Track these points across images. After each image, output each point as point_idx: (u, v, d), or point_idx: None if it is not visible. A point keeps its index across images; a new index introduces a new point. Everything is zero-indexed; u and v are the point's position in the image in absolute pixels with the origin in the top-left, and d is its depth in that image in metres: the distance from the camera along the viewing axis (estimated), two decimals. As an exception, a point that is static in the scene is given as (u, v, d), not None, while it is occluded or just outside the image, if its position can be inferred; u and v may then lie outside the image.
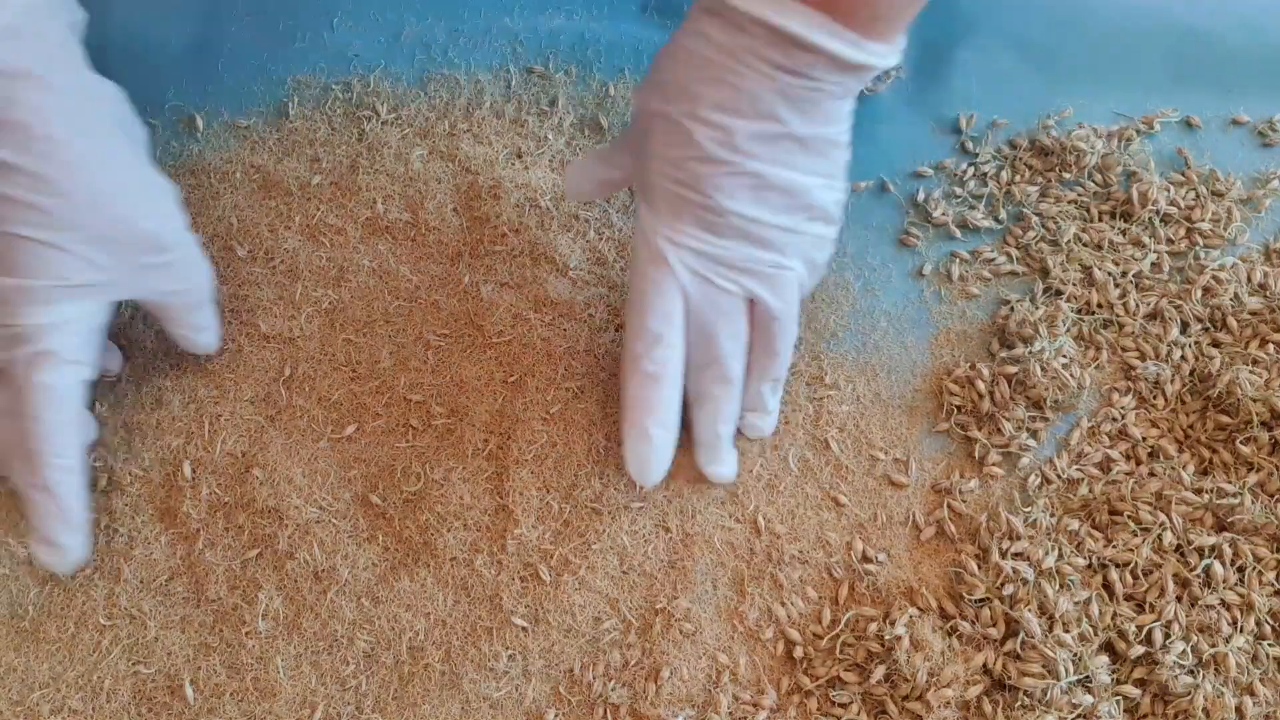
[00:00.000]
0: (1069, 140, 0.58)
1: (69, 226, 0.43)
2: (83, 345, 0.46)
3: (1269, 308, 0.53)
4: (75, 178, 0.44)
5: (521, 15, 0.61)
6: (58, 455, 0.45)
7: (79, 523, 0.46)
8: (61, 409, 0.45)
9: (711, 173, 0.44)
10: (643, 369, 0.46)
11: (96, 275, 0.45)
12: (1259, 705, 0.44)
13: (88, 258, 0.44)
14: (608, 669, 0.46)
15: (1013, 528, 0.49)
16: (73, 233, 0.44)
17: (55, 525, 0.45)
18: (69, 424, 0.45)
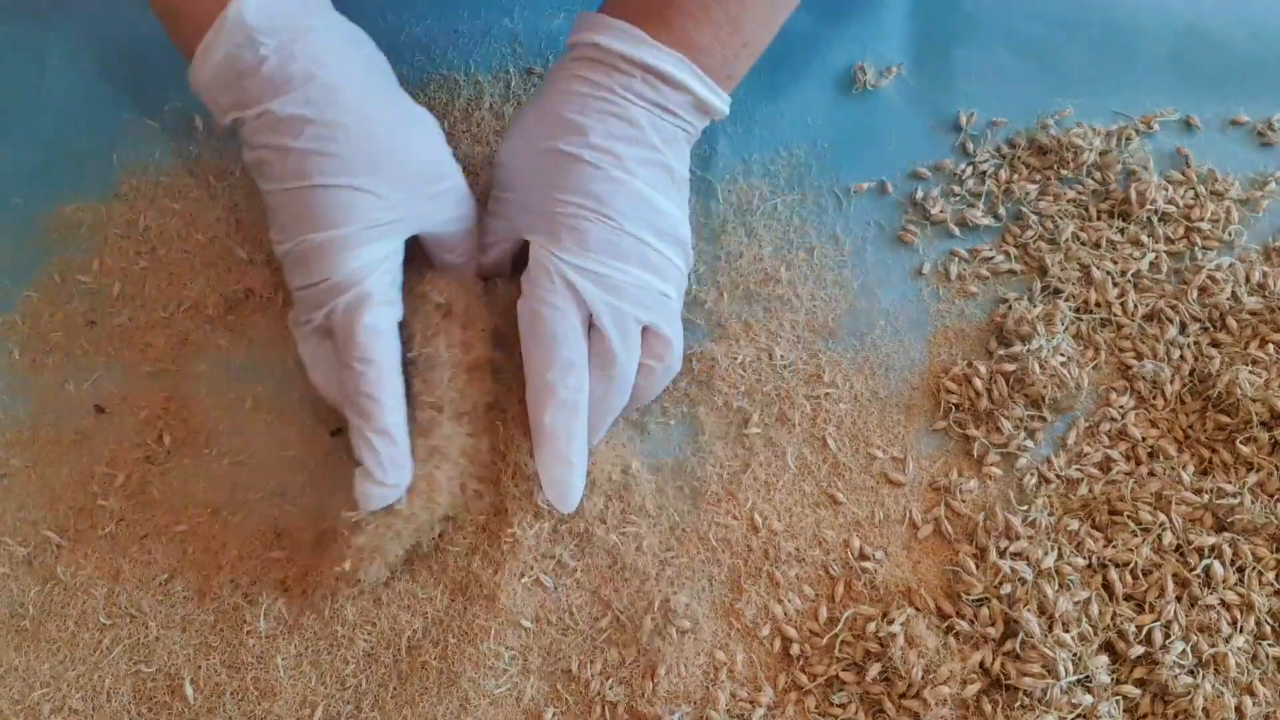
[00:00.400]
0: (1068, 139, 0.58)
1: (363, 169, 0.45)
2: (393, 284, 0.47)
3: (1268, 308, 0.53)
4: (360, 121, 0.45)
5: (521, 16, 0.61)
6: (393, 397, 0.45)
7: (409, 462, 0.46)
8: (388, 350, 0.46)
9: (611, 192, 0.46)
10: (560, 398, 0.45)
11: (394, 212, 0.46)
12: (1259, 705, 0.44)
13: (384, 195, 0.46)
14: (605, 666, 0.46)
15: (1011, 527, 0.49)
16: (368, 175, 0.45)
17: (394, 469, 0.45)
18: (395, 365, 0.46)
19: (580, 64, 0.48)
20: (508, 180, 0.49)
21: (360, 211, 0.45)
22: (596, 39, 0.47)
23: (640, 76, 0.47)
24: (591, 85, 0.47)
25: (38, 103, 0.59)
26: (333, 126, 0.45)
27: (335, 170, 0.45)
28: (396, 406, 0.45)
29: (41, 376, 0.53)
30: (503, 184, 0.50)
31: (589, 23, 0.48)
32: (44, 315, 0.54)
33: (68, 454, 0.51)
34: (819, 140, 0.59)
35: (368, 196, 0.45)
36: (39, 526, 0.49)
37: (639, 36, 0.46)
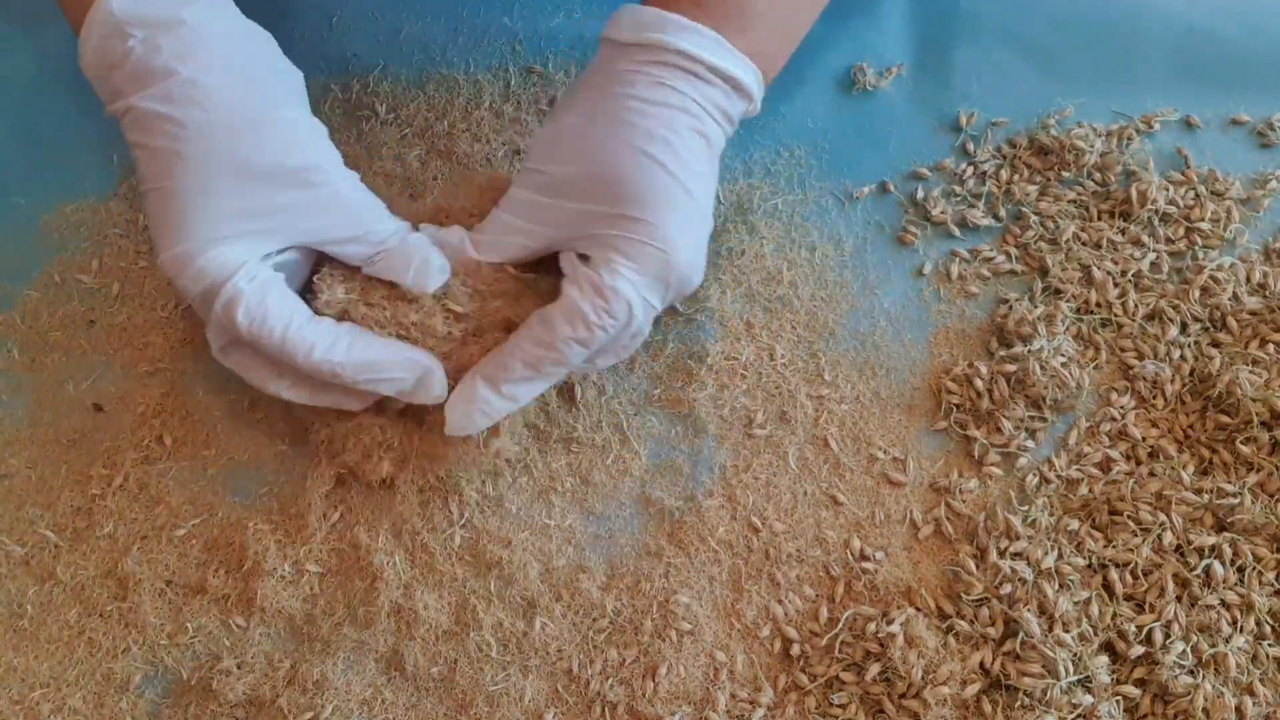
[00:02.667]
0: (1068, 139, 0.57)
1: (218, 172, 0.43)
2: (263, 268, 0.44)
3: (1269, 308, 0.53)
4: (220, 120, 0.43)
5: (521, 14, 0.61)
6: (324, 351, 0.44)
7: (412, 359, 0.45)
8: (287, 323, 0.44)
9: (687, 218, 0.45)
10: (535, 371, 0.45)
11: (254, 222, 0.44)
12: (1259, 705, 0.44)
13: (242, 201, 0.44)
14: (605, 667, 0.46)
15: (1011, 527, 0.49)
16: (224, 179, 0.43)
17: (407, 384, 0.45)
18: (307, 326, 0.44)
19: (664, 70, 0.45)
20: (559, 183, 0.46)
21: (213, 217, 0.43)
22: (681, 44, 0.44)
23: (722, 88, 0.45)
24: (678, 96, 0.45)
25: (38, 103, 0.59)
26: (187, 125, 0.43)
27: (189, 171, 0.43)
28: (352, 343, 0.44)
29: (41, 376, 0.53)
30: (547, 185, 0.46)
31: (666, 23, 0.45)
32: (43, 315, 0.54)
33: (67, 453, 0.51)
34: (819, 140, 0.59)
35: (221, 201, 0.43)
36: (37, 526, 0.49)
37: (722, 44, 0.45)
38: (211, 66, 0.44)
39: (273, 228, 0.45)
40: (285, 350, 0.44)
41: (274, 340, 0.44)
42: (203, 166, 0.43)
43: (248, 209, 0.44)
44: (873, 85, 0.60)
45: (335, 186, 0.46)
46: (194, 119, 0.43)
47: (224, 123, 0.43)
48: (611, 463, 0.51)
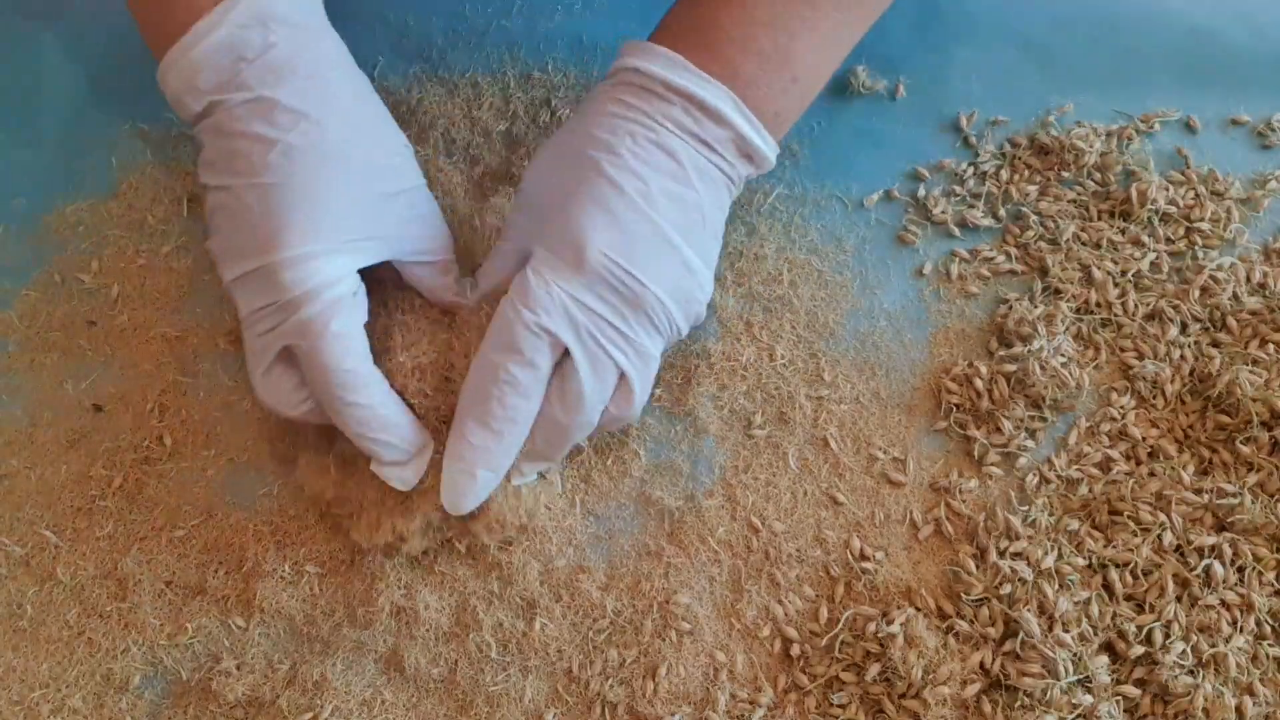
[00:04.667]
0: (1068, 139, 0.57)
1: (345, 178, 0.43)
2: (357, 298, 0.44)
3: (1269, 308, 0.53)
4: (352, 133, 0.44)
5: (520, 16, 0.61)
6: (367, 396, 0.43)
7: (418, 441, 0.45)
8: (353, 357, 0.43)
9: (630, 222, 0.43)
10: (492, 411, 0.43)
11: (366, 229, 0.44)
12: (1259, 705, 0.44)
13: (359, 208, 0.44)
14: (605, 667, 0.46)
15: (1011, 527, 0.49)
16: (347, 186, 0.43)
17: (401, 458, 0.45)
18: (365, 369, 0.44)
19: (619, 88, 0.45)
20: (524, 200, 0.47)
21: (334, 219, 0.43)
22: (637, 63, 0.45)
23: (680, 104, 0.44)
24: (627, 108, 0.45)
25: (38, 103, 0.59)
26: (326, 127, 0.43)
27: (315, 169, 0.43)
28: (387, 398, 0.44)
29: (40, 376, 0.53)
30: (519, 204, 0.47)
31: (631, 49, 0.46)
32: (43, 315, 0.54)
33: (66, 454, 0.51)
34: (820, 140, 0.59)
35: (343, 204, 0.43)
36: (37, 526, 0.49)
37: (679, 62, 0.44)
38: (345, 81, 0.45)
39: (375, 243, 0.45)
40: (347, 381, 0.43)
41: (344, 366, 0.43)
42: (339, 168, 0.43)
43: (363, 219, 0.44)
44: (873, 85, 0.60)
45: (432, 206, 0.48)
46: (332, 123, 0.44)
47: (354, 131, 0.44)
48: (611, 463, 0.51)
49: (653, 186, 0.44)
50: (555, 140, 0.47)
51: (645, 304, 0.44)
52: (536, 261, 0.44)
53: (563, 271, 0.43)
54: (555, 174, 0.45)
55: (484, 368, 0.44)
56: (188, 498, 0.50)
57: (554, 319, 0.43)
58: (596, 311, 0.43)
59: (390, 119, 0.48)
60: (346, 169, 0.44)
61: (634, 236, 0.43)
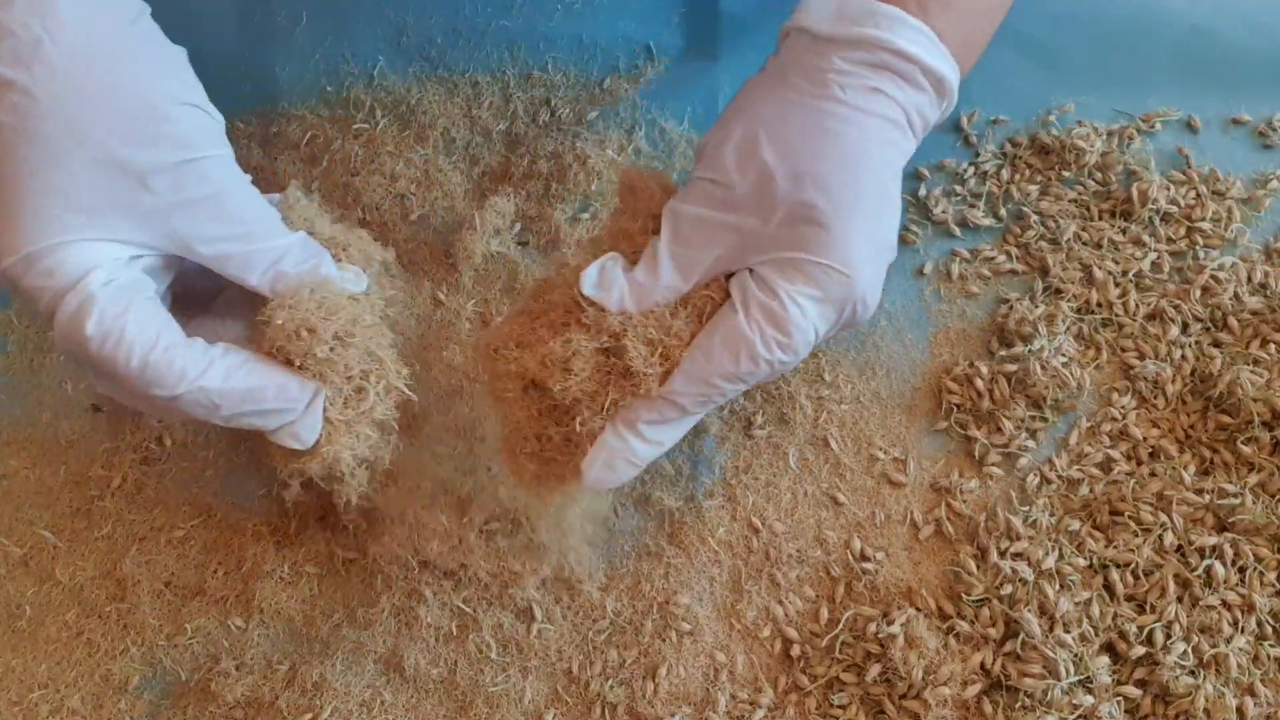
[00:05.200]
0: (1069, 139, 0.57)
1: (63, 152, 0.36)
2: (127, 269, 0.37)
3: (1269, 307, 0.53)
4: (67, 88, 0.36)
5: (520, 16, 0.61)
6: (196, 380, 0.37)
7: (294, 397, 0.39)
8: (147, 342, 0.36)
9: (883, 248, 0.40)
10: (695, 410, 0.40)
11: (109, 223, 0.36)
12: (1260, 706, 0.44)
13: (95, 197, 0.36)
14: (605, 668, 0.46)
15: (1012, 527, 0.48)
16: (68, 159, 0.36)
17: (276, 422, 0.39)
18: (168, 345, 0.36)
19: (878, 73, 0.39)
20: (732, 199, 0.39)
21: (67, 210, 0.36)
22: (898, 42, 0.38)
23: (931, 94, 0.40)
24: (890, 105, 0.39)
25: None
26: (37, 96, 0.35)
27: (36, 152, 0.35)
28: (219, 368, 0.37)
29: (39, 376, 0.53)
30: (719, 201, 0.39)
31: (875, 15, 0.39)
32: (42, 315, 0.54)
33: (65, 454, 0.51)
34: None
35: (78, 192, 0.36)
36: (36, 527, 0.49)
37: (935, 42, 0.39)
38: (75, 28, 0.36)
39: (139, 232, 0.37)
40: (146, 375, 0.36)
41: (131, 364, 0.36)
42: (56, 147, 0.35)
43: (110, 205, 0.36)
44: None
45: (226, 183, 0.39)
46: (45, 88, 0.35)
47: (84, 97, 0.36)
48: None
49: (897, 204, 0.40)
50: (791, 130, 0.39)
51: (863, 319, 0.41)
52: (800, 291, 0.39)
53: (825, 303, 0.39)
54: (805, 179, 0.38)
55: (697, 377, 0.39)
56: (187, 498, 0.50)
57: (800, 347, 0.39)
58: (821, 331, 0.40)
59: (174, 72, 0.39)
60: (69, 146, 0.36)
61: (884, 261, 0.40)
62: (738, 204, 0.39)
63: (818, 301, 0.39)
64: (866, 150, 0.39)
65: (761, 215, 0.39)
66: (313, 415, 0.40)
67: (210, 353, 0.38)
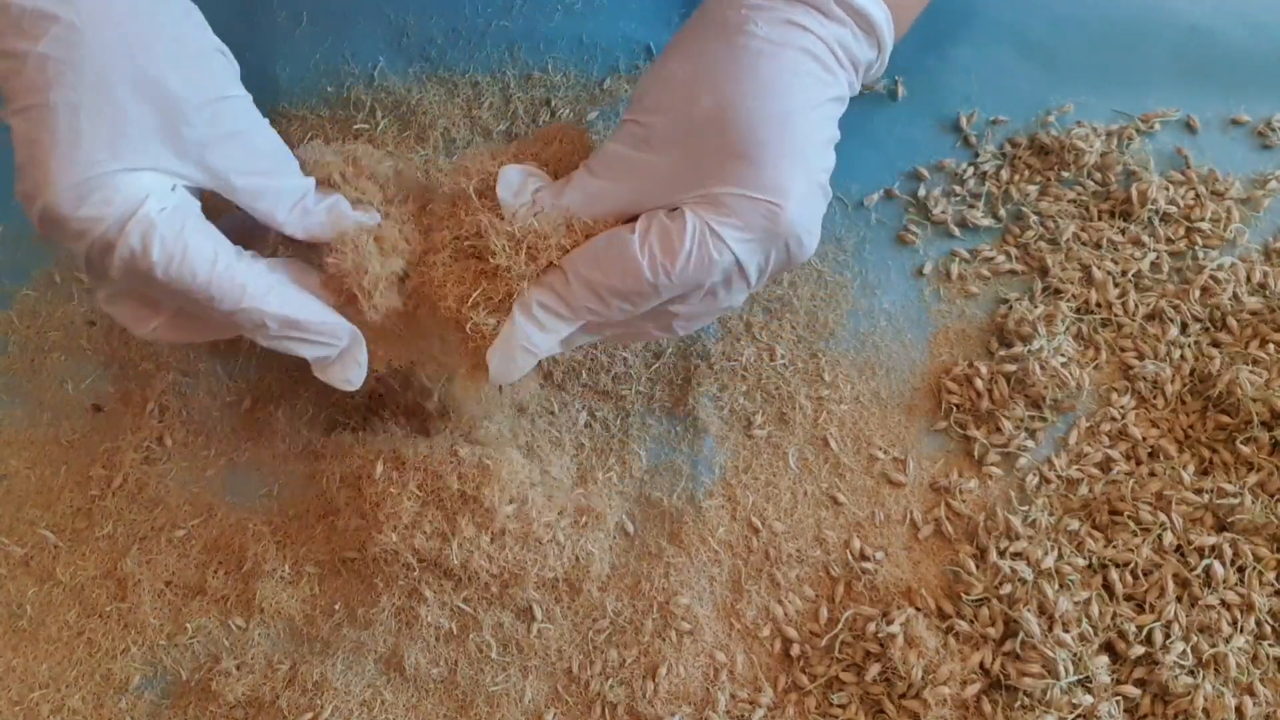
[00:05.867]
0: (1068, 139, 0.57)
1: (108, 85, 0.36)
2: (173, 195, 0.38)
3: (1269, 307, 0.53)
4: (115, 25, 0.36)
5: (521, 16, 0.61)
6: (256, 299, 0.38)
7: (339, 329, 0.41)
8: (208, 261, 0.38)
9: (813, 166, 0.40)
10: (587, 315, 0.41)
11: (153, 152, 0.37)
12: (1259, 705, 0.44)
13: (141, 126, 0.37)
14: (605, 667, 0.46)
15: (1011, 527, 0.49)
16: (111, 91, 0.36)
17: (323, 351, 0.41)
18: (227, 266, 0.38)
19: (785, 4, 0.40)
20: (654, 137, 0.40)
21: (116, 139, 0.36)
22: None
23: (851, 26, 0.40)
24: (806, 36, 0.39)
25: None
26: (80, 27, 0.35)
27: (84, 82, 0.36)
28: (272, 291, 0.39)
29: (40, 376, 0.53)
30: (641, 140, 0.40)
31: None
32: (42, 314, 0.54)
33: (66, 454, 0.51)
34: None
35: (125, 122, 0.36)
36: (37, 526, 0.49)
37: None
38: None
39: (180, 164, 0.38)
40: (211, 291, 0.38)
41: (198, 280, 0.37)
42: (101, 77, 0.36)
43: (156, 134, 0.37)
44: (871, 85, 0.60)
45: (252, 122, 0.40)
46: (90, 17, 0.36)
47: (127, 27, 0.36)
48: (612, 463, 0.51)
49: (825, 134, 0.40)
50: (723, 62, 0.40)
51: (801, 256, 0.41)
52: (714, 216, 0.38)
53: (749, 231, 0.39)
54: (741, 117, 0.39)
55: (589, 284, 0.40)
56: (188, 498, 0.50)
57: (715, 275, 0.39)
58: (748, 271, 0.40)
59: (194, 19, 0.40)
60: (114, 77, 0.36)
61: (815, 201, 0.40)
62: (657, 143, 0.40)
63: (742, 233, 0.39)
64: (783, 81, 0.39)
65: (683, 153, 0.39)
66: (355, 357, 0.42)
67: (269, 273, 0.40)
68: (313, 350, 0.41)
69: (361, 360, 0.42)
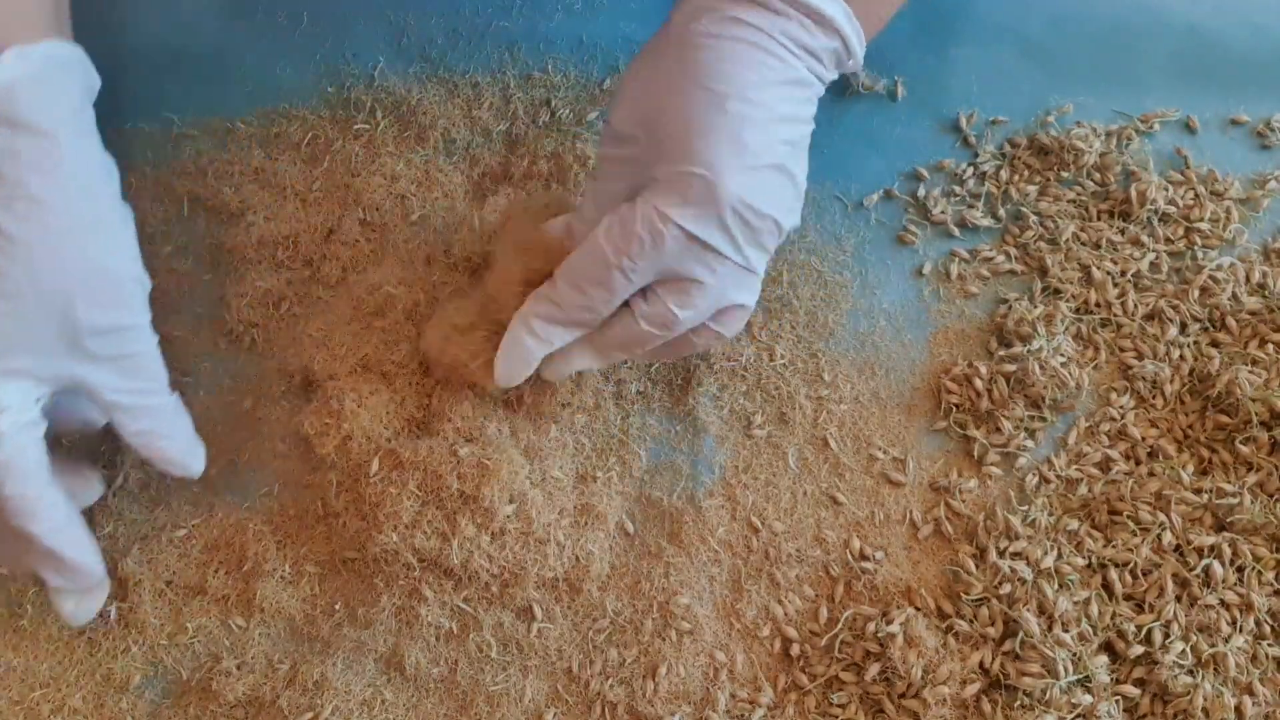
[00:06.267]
0: (1068, 139, 0.58)
1: (21, 295, 0.40)
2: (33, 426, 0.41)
3: (1268, 308, 0.53)
4: (46, 244, 0.40)
5: (521, 16, 0.61)
6: (38, 523, 0.41)
7: (97, 575, 0.44)
8: (23, 482, 0.41)
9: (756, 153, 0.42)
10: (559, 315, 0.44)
11: (37, 364, 0.40)
12: (1258, 705, 0.44)
13: (34, 335, 0.40)
14: (605, 667, 0.46)
15: (1011, 527, 0.49)
16: (21, 302, 0.40)
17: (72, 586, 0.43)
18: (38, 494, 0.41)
19: (728, 4, 0.42)
20: (623, 128, 0.43)
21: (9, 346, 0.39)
22: None
23: (797, 19, 0.42)
24: (744, 27, 0.42)
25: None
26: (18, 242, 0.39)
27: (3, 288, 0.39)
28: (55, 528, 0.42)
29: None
30: (618, 134, 0.44)
31: None
32: (43, 315, 0.54)
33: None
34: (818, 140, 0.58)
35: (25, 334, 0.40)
36: (38, 526, 0.49)
37: None
38: (63, 192, 0.40)
39: (58, 370, 0.41)
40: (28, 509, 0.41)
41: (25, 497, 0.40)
42: (21, 288, 0.39)
43: (46, 343, 0.40)
44: (872, 84, 0.60)
45: (143, 347, 0.44)
46: (28, 238, 0.39)
47: (57, 256, 0.40)
48: (611, 463, 0.51)
49: (774, 113, 0.42)
50: (657, 62, 0.43)
51: (764, 234, 0.43)
52: (657, 197, 0.42)
53: (688, 210, 0.41)
54: (677, 103, 0.42)
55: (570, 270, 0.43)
56: (189, 497, 0.50)
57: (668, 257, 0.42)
58: (718, 249, 0.42)
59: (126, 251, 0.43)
60: (28, 292, 0.40)
61: (760, 173, 0.42)
62: (623, 139, 0.43)
63: (684, 208, 0.41)
64: (719, 68, 0.42)
65: (641, 145, 0.43)
66: (94, 599, 0.45)
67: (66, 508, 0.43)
68: (56, 580, 0.43)
69: (96, 605, 0.45)
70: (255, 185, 0.57)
